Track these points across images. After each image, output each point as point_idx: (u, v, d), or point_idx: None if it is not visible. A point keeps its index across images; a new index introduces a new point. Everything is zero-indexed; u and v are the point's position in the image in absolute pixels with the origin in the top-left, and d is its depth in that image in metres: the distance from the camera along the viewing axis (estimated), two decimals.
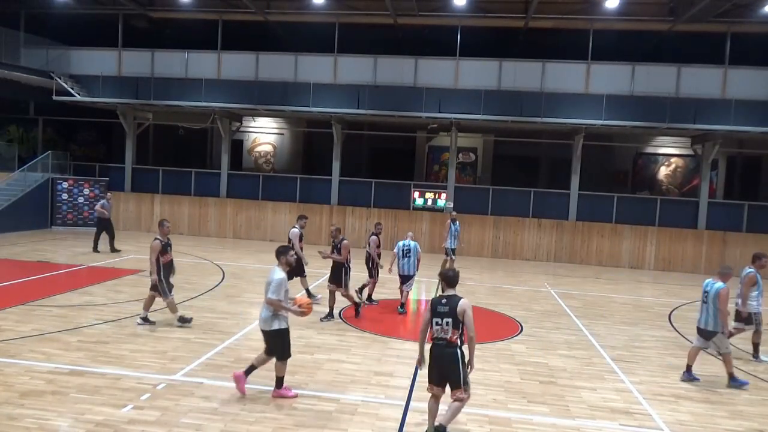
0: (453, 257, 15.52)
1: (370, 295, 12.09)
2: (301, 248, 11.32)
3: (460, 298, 5.66)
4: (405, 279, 11.43)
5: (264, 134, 26.72)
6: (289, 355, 6.78)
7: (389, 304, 12.12)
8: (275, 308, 6.67)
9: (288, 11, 21.18)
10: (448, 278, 5.79)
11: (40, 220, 21.03)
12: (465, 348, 5.73)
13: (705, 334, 8.14)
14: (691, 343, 10.15)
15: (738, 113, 18.55)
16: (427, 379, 5.83)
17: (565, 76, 19.67)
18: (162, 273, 9.14)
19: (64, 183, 21.56)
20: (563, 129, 20.75)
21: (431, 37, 22.15)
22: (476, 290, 13.89)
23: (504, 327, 10.65)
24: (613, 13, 18.82)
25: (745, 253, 19.59)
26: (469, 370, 5.72)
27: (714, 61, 19.35)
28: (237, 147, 25.91)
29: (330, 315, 10.32)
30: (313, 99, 20.25)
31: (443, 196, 21.01)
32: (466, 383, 5.68)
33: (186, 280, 13.17)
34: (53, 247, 17.02)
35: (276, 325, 6.67)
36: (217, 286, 12.83)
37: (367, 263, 11.96)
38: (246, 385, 6.70)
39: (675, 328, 11.37)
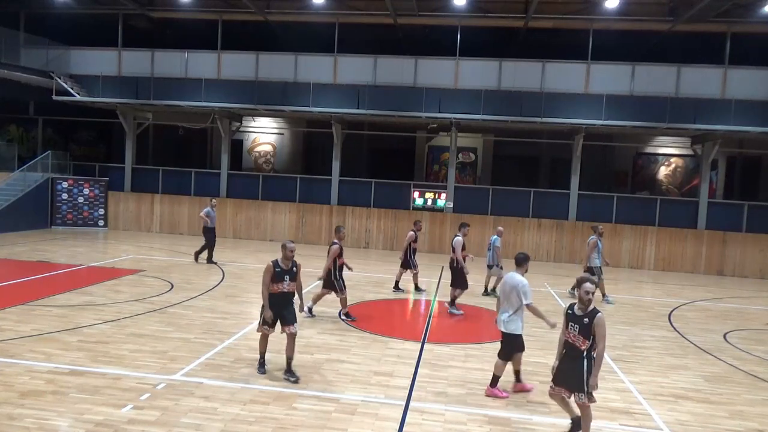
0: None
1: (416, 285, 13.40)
2: (464, 257, 11.68)
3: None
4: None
5: (264, 134, 26.73)
6: (510, 359, 7.30)
7: (387, 304, 12.12)
8: (536, 314, 7.26)
9: (288, 11, 21.18)
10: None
11: (40, 219, 21.04)
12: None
13: None
14: (691, 343, 10.18)
15: (738, 113, 18.56)
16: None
17: (565, 76, 19.68)
18: (338, 272, 10.26)
19: (63, 183, 21.57)
20: (563, 129, 20.76)
21: (431, 37, 22.17)
22: (476, 291, 13.86)
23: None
24: (612, 13, 18.83)
25: (745, 253, 19.67)
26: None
27: (714, 61, 19.37)
28: (237, 147, 25.92)
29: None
30: (313, 99, 20.26)
31: (443, 196, 21.02)
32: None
33: (186, 280, 13.18)
34: (53, 247, 17.03)
35: (518, 330, 7.27)
36: (217, 285, 12.83)
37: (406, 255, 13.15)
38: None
39: (675, 328, 11.37)
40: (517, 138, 22.41)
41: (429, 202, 21.17)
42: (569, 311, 5.85)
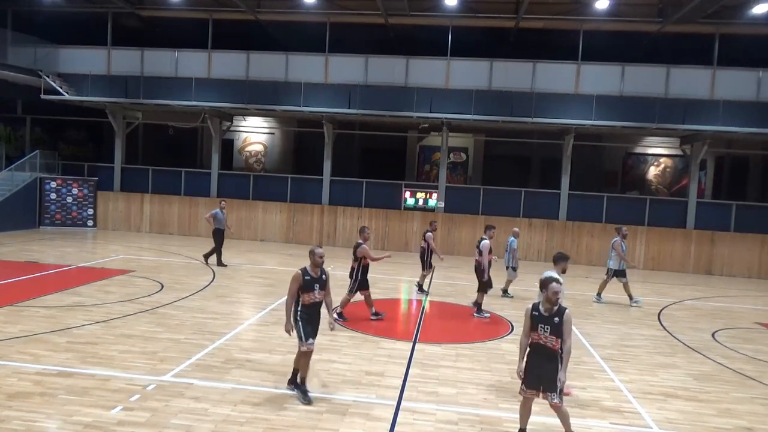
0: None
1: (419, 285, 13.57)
2: (490, 261, 11.60)
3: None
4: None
5: (255, 134, 26.64)
6: None
7: (378, 304, 12.11)
8: None
9: (279, 10, 21.12)
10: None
11: (28, 220, 20.85)
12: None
13: None
14: (680, 341, 10.27)
15: (726, 114, 18.72)
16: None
17: (556, 76, 19.76)
18: (359, 273, 10.40)
19: (52, 182, 21.39)
20: (553, 129, 20.85)
21: (422, 36, 22.17)
22: (467, 290, 13.90)
23: (495, 327, 10.68)
24: (602, 14, 18.93)
25: (734, 253, 19.85)
26: None
27: (702, 62, 19.51)
28: (227, 146, 25.81)
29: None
30: (304, 98, 20.22)
31: (434, 195, 21.05)
32: None
33: (176, 280, 13.11)
34: (41, 247, 16.88)
35: None
36: (207, 286, 12.77)
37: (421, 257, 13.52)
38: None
39: (664, 327, 11.45)
40: (507, 138, 22.47)
41: (420, 202, 21.19)
42: (535, 313, 5.72)
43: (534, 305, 5.82)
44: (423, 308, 12.14)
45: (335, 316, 10.30)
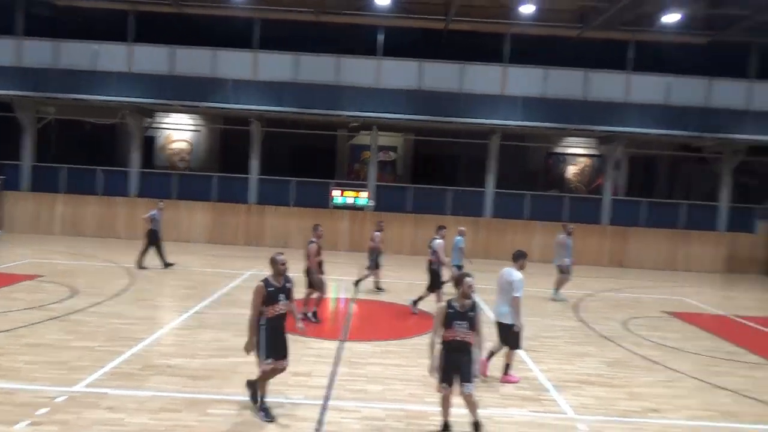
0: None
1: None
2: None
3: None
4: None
5: (179, 131, 25.70)
6: (520, 347, 7.94)
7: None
8: (516, 309, 7.66)
9: (205, 4, 20.46)
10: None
11: None
12: None
13: None
14: (595, 331, 10.81)
15: (639, 116, 19.85)
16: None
17: (483, 77, 20.24)
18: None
19: None
20: (480, 129, 21.36)
21: (354, 35, 22.13)
22: (395, 288, 14.04)
23: (422, 322, 10.83)
24: (528, 18, 19.54)
25: (644, 247, 21.10)
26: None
27: (619, 67, 20.57)
28: (149, 144, 24.76)
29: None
30: (232, 95, 19.72)
31: (364, 194, 21.09)
32: None
33: (91, 284, 12.44)
34: None
35: (511, 320, 7.66)
36: (125, 290, 12.19)
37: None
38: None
39: (580, 318, 12.01)
40: (436, 137, 22.85)
41: (350, 201, 21.17)
42: (450, 310, 5.77)
43: (448, 303, 5.89)
44: (351, 307, 12.15)
45: (309, 315, 10.36)
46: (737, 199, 22.27)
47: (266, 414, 6.12)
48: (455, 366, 5.79)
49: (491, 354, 7.91)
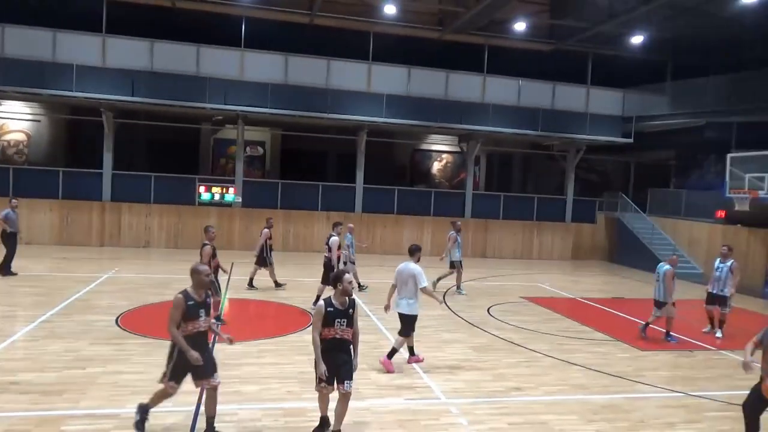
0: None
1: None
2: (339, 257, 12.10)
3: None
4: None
5: (14, 120, 22.89)
6: (409, 335, 8.41)
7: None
8: (429, 295, 8.41)
9: None
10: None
11: None
12: None
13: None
14: (462, 318, 11.41)
15: (494, 116, 21.26)
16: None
17: (349, 74, 20.42)
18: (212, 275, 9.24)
19: None
20: (348, 125, 21.56)
21: (215, 25, 21.17)
22: (268, 285, 13.72)
23: (297, 319, 10.71)
24: (391, 18, 20.07)
25: (503, 238, 22.69)
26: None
27: (475, 69, 21.84)
28: None
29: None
30: (77, 83, 17.94)
31: (231, 190, 20.33)
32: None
33: None
34: None
35: (416, 311, 8.27)
36: None
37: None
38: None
39: (448, 307, 12.60)
40: (304, 132, 22.67)
41: (217, 197, 20.29)
42: (330, 309, 5.66)
43: (326, 301, 5.76)
44: (222, 307, 11.66)
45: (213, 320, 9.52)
46: (581, 193, 24.73)
47: (140, 425, 5.64)
48: (335, 364, 5.69)
49: (393, 351, 8.21)
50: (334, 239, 12.02)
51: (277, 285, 13.58)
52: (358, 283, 13.81)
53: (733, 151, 17.06)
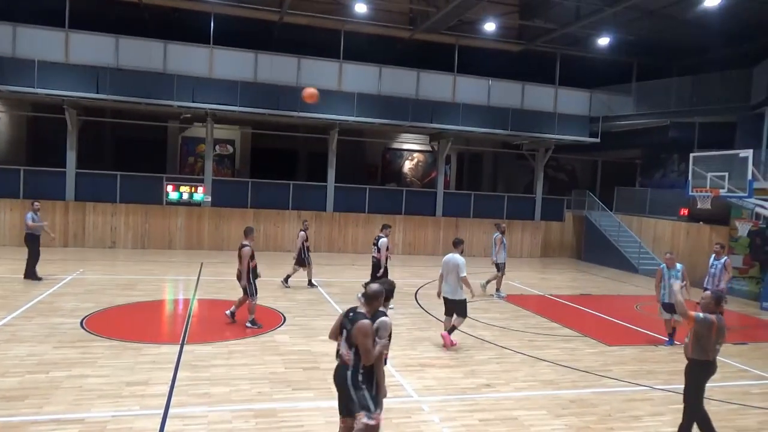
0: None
1: None
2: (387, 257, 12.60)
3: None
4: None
5: None
6: (465, 315, 9.46)
7: (139, 307, 11.16)
8: (466, 285, 9.23)
9: None
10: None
11: None
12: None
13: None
14: (434, 317, 11.46)
15: (465, 115, 21.41)
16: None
17: (320, 72, 20.27)
18: (250, 276, 9.89)
19: None
20: (319, 124, 21.46)
21: (183, 21, 20.84)
22: (238, 284, 13.54)
23: (267, 319, 10.61)
24: (362, 17, 20.03)
25: (473, 235, 22.87)
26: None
27: (446, 69, 21.96)
28: None
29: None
30: (39, 79, 17.42)
31: (200, 189, 20.03)
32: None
33: None
34: None
35: (460, 296, 9.25)
36: None
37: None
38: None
39: (420, 305, 12.66)
40: (275, 131, 22.49)
41: (185, 196, 19.95)
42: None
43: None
44: (191, 307, 11.50)
45: (248, 324, 9.85)
46: (549, 192, 25.10)
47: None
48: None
49: (453, 328, 9.34)
50: (384, 240, 12.50)
51: (311, 284, 14.05)
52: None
53: (696, 151, 17.51)
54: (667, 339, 10.45)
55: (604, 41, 20.98)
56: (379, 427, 4.74)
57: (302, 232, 13.97)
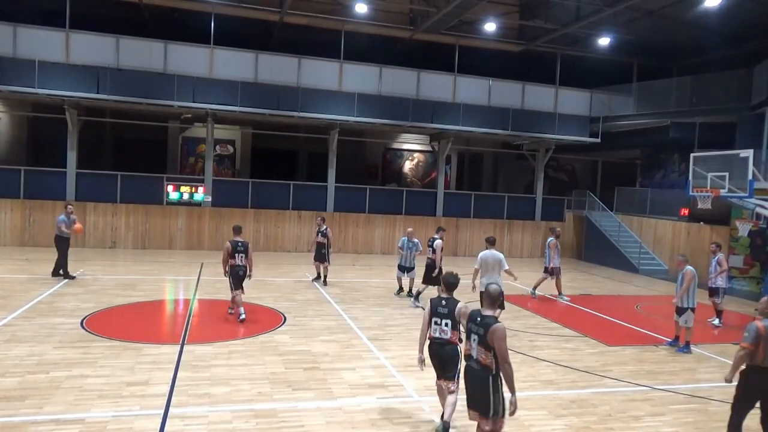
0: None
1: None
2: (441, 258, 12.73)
3: (458, 301, 6.05)
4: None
5: None
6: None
7: (139, 307, 11.17)
8: (511, 274, 10.73)
9: None
10: (448, 283, 6.18)
11: None
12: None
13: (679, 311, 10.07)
14: None
15: (465, 115, 21.41)
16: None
17: (320, 72, 20.30)
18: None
19: None
20: (319, 124, 21.47)
21: (183, 22, 20.85)
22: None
23: (267, 319, 10.62)
24: (362, 17, 20.04)
25: (473, 236, 22.89)
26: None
27: (447, 69, 21.97)
28: None
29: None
30: (40, 79, 17.42)
31: (200, 189, 20.04)
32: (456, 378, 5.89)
33: None
34: None
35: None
36: None
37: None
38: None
39: (420, 306, 12.65)
40: (275, 131, 22.50)
41: (185, 196, 19.95)
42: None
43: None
44: (191, 307, 11.51)
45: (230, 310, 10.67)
46: (550, 192, 25.09)
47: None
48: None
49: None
50: (438, 242, 12.71)
51: (325, 282, 14.55)
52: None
53: (696, 151, 17.50)
54: (671, 340, 10.44)
55: (604, 41, 20.98)
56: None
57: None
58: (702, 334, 11.00)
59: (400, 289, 13.86)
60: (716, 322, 12.40)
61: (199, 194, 19.95)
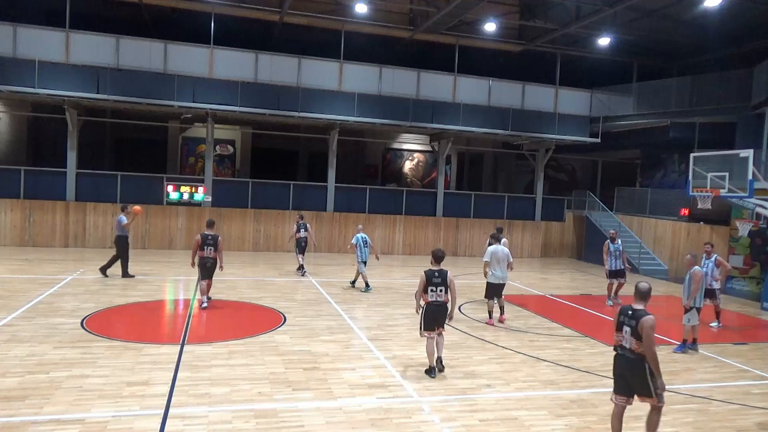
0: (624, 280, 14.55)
1: None
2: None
3: (447, 270, 8.32)
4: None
5: None
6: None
7: (139, 308, 11.16)
8: (512, 268, 11.70)
9: None
10: (437, 257, 8.44)
11: None
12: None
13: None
14: None
15: (465, 115, 21.41)
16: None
17: (320, 72, 20.30)
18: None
19: None
20: (319, 124, 21.47)
21: (183, 22, 20.86)
22: (238, 285, 13.59)
23: (267, 319, 10.63)
24: (362, 17, 20.05)
25: (473, 236, 22.89)
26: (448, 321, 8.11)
27: (447, 69, 21.97)
28: None
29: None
30: (40, 79, 17.42)
31: (200, 189, 20.04)
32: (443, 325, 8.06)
33: None
34: None
35: (506, 280, 11.60)
36: None
37: None
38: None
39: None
40: (275, 131, 22.50)
41: (185, 197, 19.95)
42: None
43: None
44: (191, 307, 11.50)
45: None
46: (550, 192, 25.08)
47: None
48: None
49: (502, 307, 11.50)
50: (503, 241, 12.45)
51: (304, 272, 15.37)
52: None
53: (696, 151, 17.51)
54: (680, 344, 10.16)
55: (604, 41, 20.98)
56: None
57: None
58: (702, 334, 10.99)
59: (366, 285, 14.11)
60: (715, 324, 12.19)
61: (199, 194, 19.95)
